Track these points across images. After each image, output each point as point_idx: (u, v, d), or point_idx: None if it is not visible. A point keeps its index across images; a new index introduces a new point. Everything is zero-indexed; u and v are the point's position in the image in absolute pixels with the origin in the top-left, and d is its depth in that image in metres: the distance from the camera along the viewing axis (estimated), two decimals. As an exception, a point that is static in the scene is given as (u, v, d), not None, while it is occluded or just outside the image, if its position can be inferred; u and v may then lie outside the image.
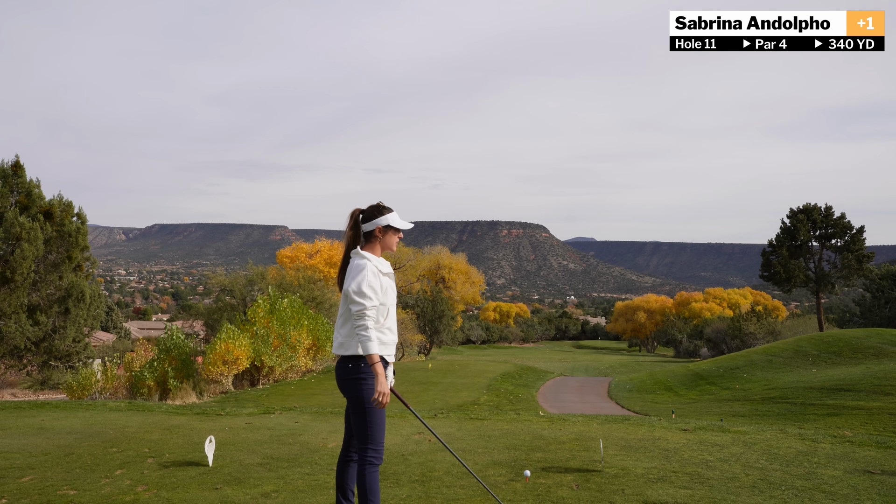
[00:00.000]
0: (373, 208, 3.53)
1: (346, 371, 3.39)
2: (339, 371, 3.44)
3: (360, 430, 3.39)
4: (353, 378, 3.37)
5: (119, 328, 52.25)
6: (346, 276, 3.43)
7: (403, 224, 3.53)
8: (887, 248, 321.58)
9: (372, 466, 3.36)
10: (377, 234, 3.48)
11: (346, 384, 3.40)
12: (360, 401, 3.36)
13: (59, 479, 4.89)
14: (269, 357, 19.09)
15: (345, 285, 3.39)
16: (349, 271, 3.42)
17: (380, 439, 3.39)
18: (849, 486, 4.56)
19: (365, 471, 3.35)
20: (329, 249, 41.38)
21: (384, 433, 3.43)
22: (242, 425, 7.44)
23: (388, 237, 3.52)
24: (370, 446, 3.37)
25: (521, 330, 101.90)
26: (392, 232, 3.51)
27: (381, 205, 3.54)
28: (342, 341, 3.41)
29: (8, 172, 19.87)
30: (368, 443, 3.37)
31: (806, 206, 43.16)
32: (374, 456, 3.37)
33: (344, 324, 3.42)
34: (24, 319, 19.11)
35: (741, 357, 26.82)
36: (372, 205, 3.54)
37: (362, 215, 3.54)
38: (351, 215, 3.57)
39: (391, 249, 3.56)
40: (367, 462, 3.36)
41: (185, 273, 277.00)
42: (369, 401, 3.33)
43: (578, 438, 6.42)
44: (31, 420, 7.89)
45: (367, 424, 3.36)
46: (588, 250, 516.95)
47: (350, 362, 3.37)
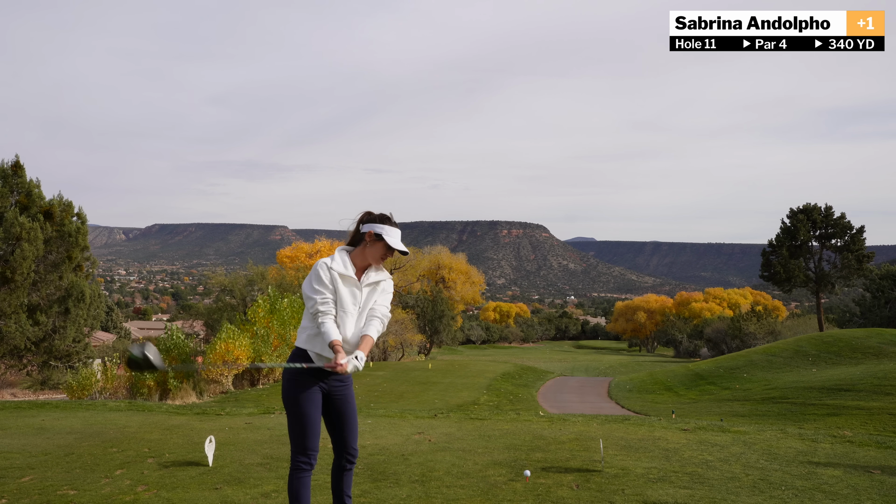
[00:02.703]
0: (378, 215, 3.46)
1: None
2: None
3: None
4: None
5: (119, 328, 52.22)
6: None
7: (396, 244, 3.38)
8: (887, 248, 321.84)
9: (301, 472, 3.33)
10: (367, 238, 3.40)
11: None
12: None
13: (59, 479, 4.89)
14: (270, 357, 19.09)
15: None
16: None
17: (301, 444, 3.30)
18: (849, 486, 4.56)
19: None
20: (329, 249, 41.37)
21: (307, 437, 3.30)
22: (242, 425, 7.44)
23: (374, 247, 3.38)
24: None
25: (521, 330, 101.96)
26: (380, 245, 3.36)
27: (389, 217, 3.45)
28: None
29: (8, 172, 19.87)
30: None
31: (806, 206, 43.18)
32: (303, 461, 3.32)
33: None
34: (24, 319, 19.11)
35: (741, 357, 26.84)
36: (383, 213, 3.47)
37: (367, 216, 3.49)
38: (359, 215, 3.54)
39: (374, 262, 3.41)
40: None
41: (185, 273, 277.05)
42: (286, 401, 3.35)
43: (578, 438, 6.42)
44: (31, 420, 7.89)
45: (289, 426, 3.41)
46: (588, 250, 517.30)
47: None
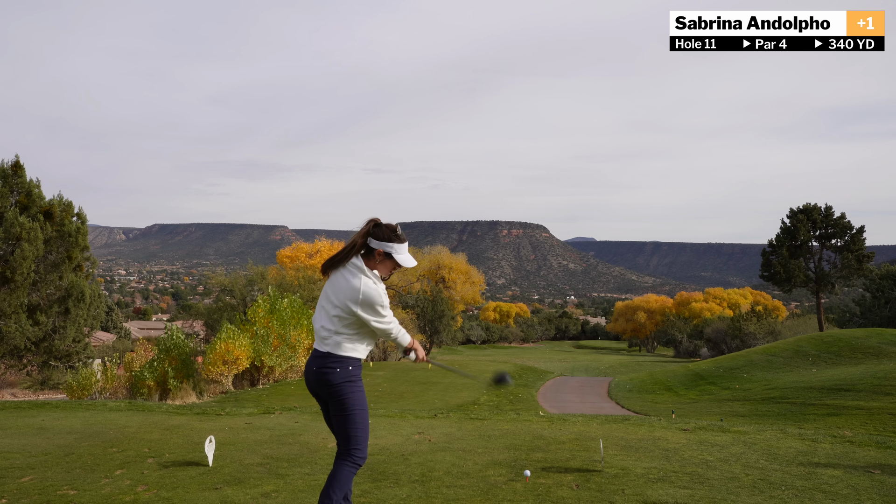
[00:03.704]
0: (390, 231, 3.35)
1: (334, 374, 3.32)
2: (324, 373, 3.35)
3: (344, 431, 3.37)
4: (343, 381, 3.32)
5: (119, 328, 52.29)
6: (345, 278, 3.31)
7: (406, 262, 3.37)
8: (887, 248, 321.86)
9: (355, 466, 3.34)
10: (376, 255, 3.35)
11: (335, 387, 3.34)
12: (345, 402, 3.34)
13: (59, 479, 4.89)
14: (269, 357, 19.09)
15: (343, 298, 3.29)
16: (349, 276, 3.31)
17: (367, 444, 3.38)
18: (849, 486, 4.55)
19: (339, 467, 3.34)
20: (329, 249, 41.38)
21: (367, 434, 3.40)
22: (242, 425, 7.44)
23: (383, 264, 3.36)
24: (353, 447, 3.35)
25: (521, 330, 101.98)
26: (391, 262, 3.35)
27: (398, 231, 3.37)
28: (324, 336, 3.35)
29: (8, 172, 19.88)
30: (352, 444, 3.35)
31: (806, 206, 43.17)
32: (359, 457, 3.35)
33: (332, 322, 3.33)
34: (24, 319, 19.11)
35: (741, 357, 26.82)
36: (390, 225, 3.37)
37: (376, 229, 3.36)
38: (367, 222, 3.39)
39: (382, 275, 3.38)
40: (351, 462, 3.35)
41: (185, 273, 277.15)
42: (356, 403, 3.31)
43: (578, 438, 6.42)
44: (31, 420, 7.89)
45: (353, 425, 3.34)
46: (588, 250, 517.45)
47: (338, 365, 3.31)
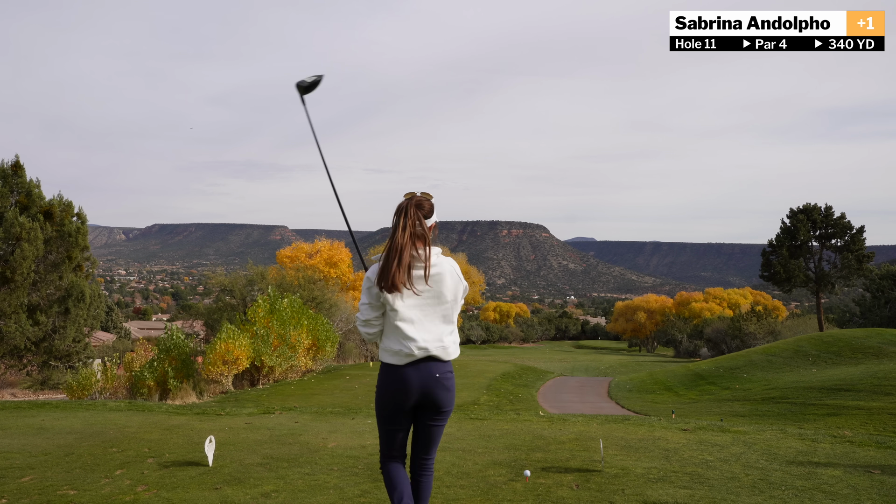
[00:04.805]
0: (430, 201, 2.95)
1: (453, 381, 3.03)
2: (448, 379, 3.00)
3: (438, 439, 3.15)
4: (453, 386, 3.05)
5: (119, 328, 52.27)
6: (442, 273, 2.91)
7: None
8: (887, 248, 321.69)
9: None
10: (433, 231, 2.95)
11: (450, 393, 3.02)
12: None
13: (59, 479, 4.89)
14: (269, 357, 19.08)
15: (454, 286, 2.94)
16: (444, 270, 2.91)
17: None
18: (849, 486, 4.55)
19: (431, 477, 3.17)
20: (329, 249, 41.32)
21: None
22: (242, 425, 7.44)
23: (432, 232, 2.95)
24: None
25: (521, 330, 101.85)
26: (436, 229, 2.98)
27: (431, 197, 2.99)
28: (445, 345, 2.96)
29: (8, 172, 19.88)
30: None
31: (806, 206, 43.18)
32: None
33: (444, 325, 2.98)
34: (24, 319, 19.11)
35: (741, 357, 26.81)
36: (427, 196, 2.96)
37: (426, 205, 2.92)
38: (414, 203, 2.90)
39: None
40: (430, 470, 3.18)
41: (185, 273, 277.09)
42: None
43: (578, 438, 6.42)
44: (31, 420, 7.89)
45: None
46: (588, 250, 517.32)
47: (452, 371, 3.05)
